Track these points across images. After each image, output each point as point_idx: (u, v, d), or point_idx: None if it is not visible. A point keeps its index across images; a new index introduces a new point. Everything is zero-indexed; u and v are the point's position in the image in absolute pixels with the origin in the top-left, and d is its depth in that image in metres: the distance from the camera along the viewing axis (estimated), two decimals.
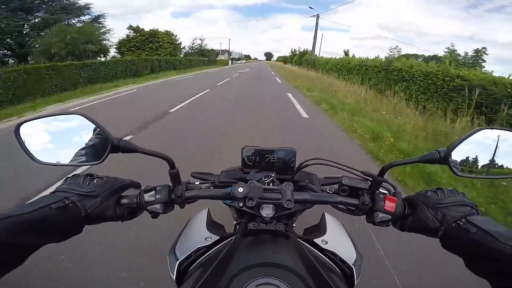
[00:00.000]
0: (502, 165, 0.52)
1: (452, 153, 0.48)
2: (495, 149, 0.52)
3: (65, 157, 0.50)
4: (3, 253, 0.35)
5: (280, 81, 15.00)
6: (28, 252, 0.38)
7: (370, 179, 0.52)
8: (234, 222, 0.86)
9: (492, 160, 0.52)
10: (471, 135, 0.48)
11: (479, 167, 0.52)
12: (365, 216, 0.54)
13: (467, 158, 0.51)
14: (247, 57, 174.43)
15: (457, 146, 0.48)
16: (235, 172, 0.67)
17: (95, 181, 0.47)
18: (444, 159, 0.47)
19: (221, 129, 4.56)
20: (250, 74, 21.28)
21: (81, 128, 0.49)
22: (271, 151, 0.65)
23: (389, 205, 0.50)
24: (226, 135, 4.22)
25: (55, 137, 0.52)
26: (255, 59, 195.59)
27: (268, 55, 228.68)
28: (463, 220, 0.42)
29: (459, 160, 0.50)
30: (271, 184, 0.61)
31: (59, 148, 0.51)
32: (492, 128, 0.52)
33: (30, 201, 0.40)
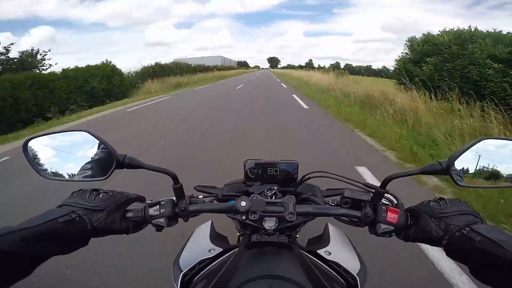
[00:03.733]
0: (505, 174, 0.52)
1: (454, 163, 0.48)
2: (498, 158, 0.52)
3: (72, 172, 0.51)
4: (12, 264, 0.36)
5: None
6: (36, 263, 0.39)
7: (372, 190, 0.52)
8: (238, 234, 0.86)
9: (495, 169, 0.52)
10: (473, 145, 0.49)
11: (482, 176, 0.52)
12: (367, 227, 0.54)
13: (470, 168, 0.51)
14: (242, 65, 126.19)
15: (459, 156, 0.48)
16: (238, 185, 0.68)
17: (101, 196, 0.48)
18: (446, 170, 0.48)
19: None
20: None
21: (86, 144, 0.50)
22: (273, 164, 0.65)
23: (392, 216, 0.50)
24: None
25: (62, 153, 0.53)
26: (257, 67, 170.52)
27: (273, 61, 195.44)
28: (467, 228, 0.42)
29: (461, 170, 0.51)
30: (273, 197, 0.61)
31: (65, 164, 0.52)
32: (494, 138, 0.53)
33: (38, 215, 0.41)
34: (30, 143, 0.51)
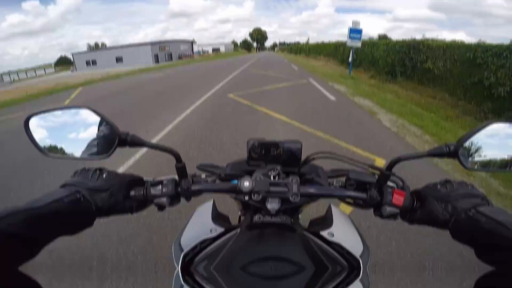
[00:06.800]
0: None
1: (462, 146, 0.47)
2: (506, 142, 0.51)
3: (73, 150, 0.51)
4: (18, 245, 0.36)
5: None
6: (42, 244, 0.39)
7: (378, 172, 0.51)
8: (239, 214, 0.86)
9: (503, 153, 0.51)
10: (482, 128, 0.47)
11: (490, 160, 0.51)
12: (372, 209, 0.53)
13: (477, 151, 0.50)
14: (244, 46, 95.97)
15: (467, 139, 0.47)
16: (241, 165, 0.67)
17: (104, 176, 0.48)
18: (454, 153, 0.47)
19: None
20: None
21: (88, 121, 0.49)
22: (277, 143, 0.64)
23: (397, 199, 0.49)
24: None
25: (63, 130, 0.52)
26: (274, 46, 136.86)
27: (260, 37, 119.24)
28: (473, 210, 0.42)
29: (469, 153, 0.50)
30: (277, 177, 0.60)
31: (67, 141, 0.51)
32: (503, 121, 0.51)
33: (42, 195, 0.41)
34: (31, 120, 0.50)
